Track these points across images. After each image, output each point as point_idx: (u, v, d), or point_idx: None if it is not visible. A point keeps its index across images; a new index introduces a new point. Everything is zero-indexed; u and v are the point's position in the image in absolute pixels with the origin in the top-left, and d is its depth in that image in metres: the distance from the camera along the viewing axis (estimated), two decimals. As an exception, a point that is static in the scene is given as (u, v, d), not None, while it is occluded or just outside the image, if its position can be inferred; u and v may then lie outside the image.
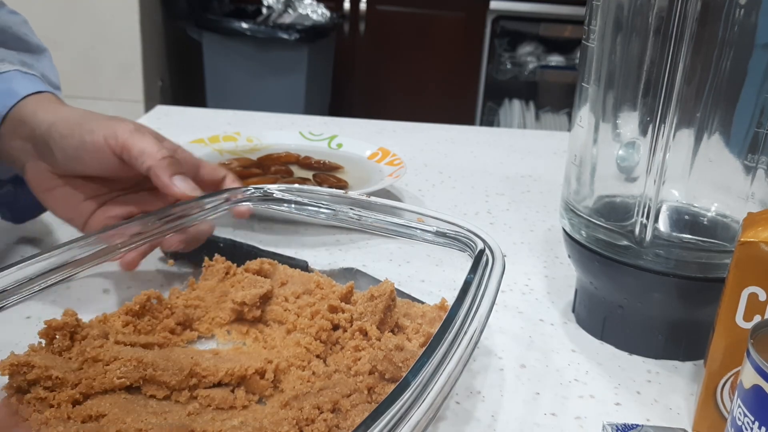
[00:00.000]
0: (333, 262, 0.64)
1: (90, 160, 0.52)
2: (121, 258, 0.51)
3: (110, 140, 0.51)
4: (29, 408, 0.39)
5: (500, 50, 2.74)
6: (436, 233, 0.51)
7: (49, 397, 0.39)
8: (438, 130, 1.16)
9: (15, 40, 0.62)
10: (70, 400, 0.39)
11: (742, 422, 0.35)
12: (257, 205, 0.57)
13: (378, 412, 0.30)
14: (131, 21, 2.24)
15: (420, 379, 0.32)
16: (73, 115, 0.53)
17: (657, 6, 0.46)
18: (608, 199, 0.54)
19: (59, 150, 0.52)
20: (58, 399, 0.39)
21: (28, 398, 0.39)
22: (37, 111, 0.54)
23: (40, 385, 0.39)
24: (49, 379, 0.39)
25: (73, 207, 0.55)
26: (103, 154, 0.52)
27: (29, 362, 0.39)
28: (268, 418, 0.39)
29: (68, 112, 0.54)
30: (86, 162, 0.52)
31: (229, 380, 0.42)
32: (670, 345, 0.52)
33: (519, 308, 0.60)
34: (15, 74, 0.57)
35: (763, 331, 0.36)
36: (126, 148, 0.52)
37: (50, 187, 0.55)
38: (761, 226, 0.41)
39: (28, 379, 0.39)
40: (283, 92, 2.34)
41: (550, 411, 0.46)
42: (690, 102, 0.47)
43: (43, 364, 0.40)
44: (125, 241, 0.48)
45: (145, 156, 0.51)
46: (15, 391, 0.40)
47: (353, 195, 0.55)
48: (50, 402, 0.39)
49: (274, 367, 0.43)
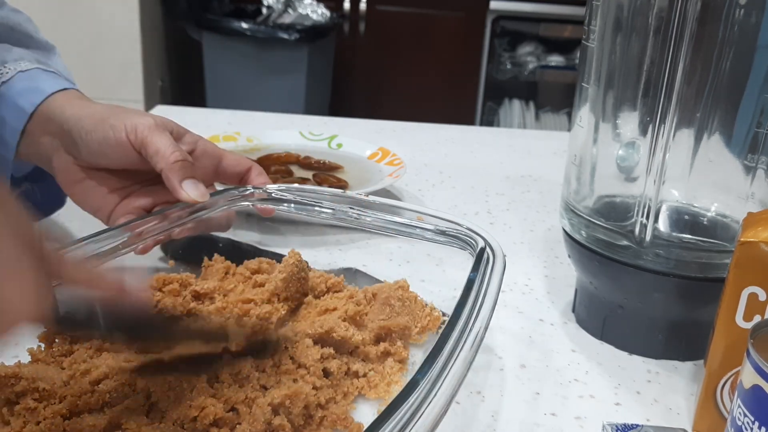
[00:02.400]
0: (333, 262, 0.64)
1: (113, 154, 0.54)
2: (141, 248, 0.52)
3: (131, 136, 0.53)
4: (19, 419, 0.38)
5: (500, 50, 2.74)
6: (436, 232, 0.51)
7: (39, 408, 0.38)
8: (438, 130, 1.16)
9: (26, 38, 0.63)
10: (57, 415, 0.38)
11: (742, 422, 0.35)
12: (257, 205, 0.57)
13: (387, 413, 0.30)
14: (131, 21, 2.24)
15: (428, 377, 0.32)
16: (98, 111, 0.55)
17: (657, 6, 0.46)
18: (608, 199, 0.54)
19: (84, 145, 0.54)
20: (44, 414, 0.38)
21: (18, 409, 0.38)
22: (65, 107, 0.55)
23: (28, 396, 0.38)
24: (36, 392, 0.38)
25: (98, 199, 0.56)
26: (125, 149, 0.53)
27: (17, 374, 0.39)
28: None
29: (94, 108, 0.55)
30: (109, 156, 0.54)
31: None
32: (670, 345, 0.52)
33: (519, 308, 0.60)
34: (37, 72, 0.58)
35: (763, 331, 0.36)
36: (144, 146, 0.53)
37: (77, 180, 0.56)
38: (761, 226, 0.41)
39: (16, 391, 0.38)
40: (283, 92, 2.34)
41: (550, 411, 0.46)
42: (690, 102, 0.47)
43: (31, 376, 0.39)
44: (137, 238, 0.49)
45: (158, 157, 0.53)
46: (4, 402, 0.38)
47: (353, 194, 0.55)
48: (41, 413, 0.38)
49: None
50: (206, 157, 0.58)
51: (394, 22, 2.65)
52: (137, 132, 0.53)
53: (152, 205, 0.57)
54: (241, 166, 0.60)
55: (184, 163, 0.53)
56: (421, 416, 0.30)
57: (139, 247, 0.51)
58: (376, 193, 0.72)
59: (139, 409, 0.38)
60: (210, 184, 0.59)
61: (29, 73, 0.58)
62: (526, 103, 2.74)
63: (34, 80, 0.57)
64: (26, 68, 0.58)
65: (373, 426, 0.29)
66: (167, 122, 0.56)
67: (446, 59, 2.69)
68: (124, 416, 0.38)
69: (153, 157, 0.53)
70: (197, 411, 0.38)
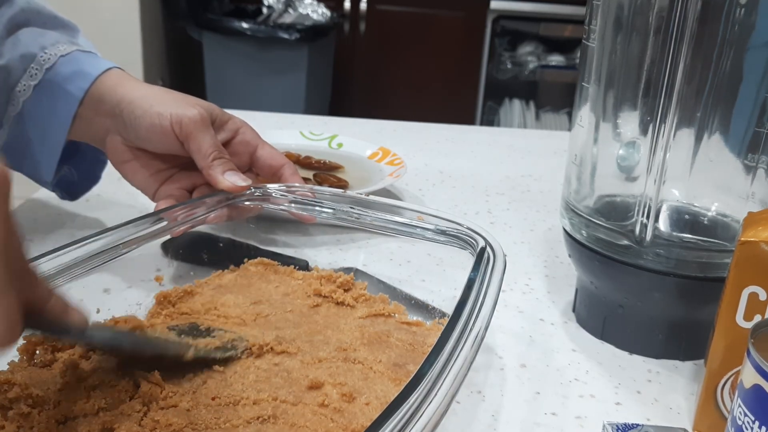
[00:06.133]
0: (333, 262, 0.63)
1: (158, 141, 0.57)
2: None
3: (176, 128, 0.56)
4: (13, 424, 0.37)
5: (500, 50, 2.73)
6: (437, 231, 0.51)
7: (33, 413, 0.37)
8: (438, 130, 1.16)
9: (52, 20, 0.63)
10: (51, 420, 0.37)
11: (742, 422, 0.35)
12: (257, 205, 0.57)
13: (387, 413, 0.30)
14: (131, 21, 2.24)
15: (428, 377, 0.32)
16: (148, 96, 0.57)
17: (657, 5, 0.46)
18: (608, 199, 0.54)
19: (132, 130, 0.57)
20: (38, 419, 0.37)
21: (12, 414, 0.37)
22: (116, 89, 0.58)
23: (22, 402, 0.38)
24: (30, 398, 0.38)
25: (144, 179, 0.60)
26: (170, 138, 0.56)
27: (9, 380, 0.38)
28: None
29: (143, 91, 0.58)
30: (155, 142, 0.57)
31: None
32: (671, 344, 0.52)
33: (519, 308, 0.60)
34: (78, 54, 0.60)
35: (764, 330, 0.36)
36: (186, 140, 0.56)
37: (125, 160, 0.60)
38: (761, 226, 0.41)
39: (9, 398, 0.38)
40: (283, 92, 2.34)
41: (550, 410, 0.46)
42: (690, 101, 0.47)
43: (24, 382, 0.38)
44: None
45: (199, 155, 0.56)
46: None
47: (353, 194, 0.55)
48: (35, 418, 0.37)
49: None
50: (243, 145, 0.61)
51: (395, 21, 2.65)
52: (182, 125, 0.56)
53: (193, 186, 0.60)
54: (275, 161, 0.62)
55: (221, 160, 0.57)
56: (421, 416, 0.30)
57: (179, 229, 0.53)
58: (377, 192, 0.72)
59: (133, 415, 0.38)
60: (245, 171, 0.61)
61: (71, 57, 0.59)
62: (527, 102, 2.74)
63: (77, 63, 0.59)
64: (66, 52, 0.59)
65: (374, 426, 0.29)
66: (211, 109, 0.59)
67: (446, 59, 2.69)
68: (118, 421, 0.37)
69: (194, 153, 0.57)
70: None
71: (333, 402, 0.40)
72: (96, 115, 0.58)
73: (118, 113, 0.57)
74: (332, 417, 0.39)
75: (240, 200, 0.57)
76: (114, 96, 0.57)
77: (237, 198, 0.57)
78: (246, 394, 0.40)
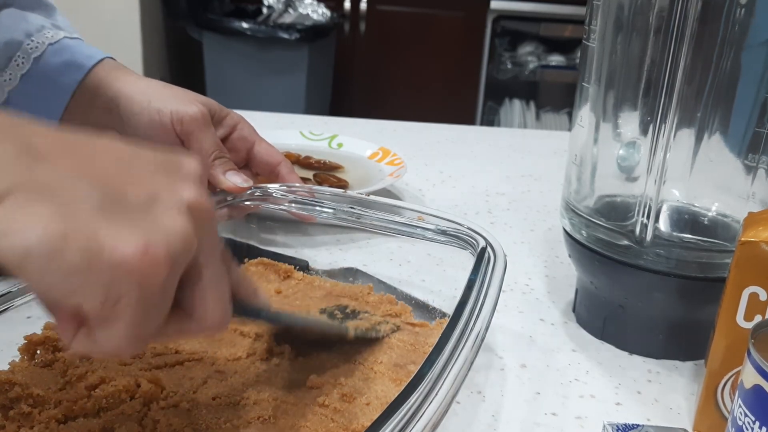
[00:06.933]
0: (333, 262, 0.63)
1: (157, 137, 0.56)
2: None
3: (176, 126, 0.55)
4: (14, 424, 0.37)
5: (500, 50, 2.73)
6: (437, 231, 0.51)
7: (34, 413, 0.37)
8: (438, 130, 1.16)
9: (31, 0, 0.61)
10: (52, 420, 0.37)
11: (742, 422, 0.35)
12: (257, 206, 0.57)
13: (387, 413, 0.30)
14: (131, 21, 2.24)
15: (428, 377, 0.32)
16: (145, 91, 0.56)
17: (657, 5, 0.46)
18: (609, 199, 0.54)
19: (130, 126, 0.56)
20: (38, 419, 0.37)
21: (13, 414, 0.37)
22: (111, 83, 0.56)
23: (23, 401, 0.38)
24: (30, 397, 0.38)
25: None
26: (169, 134, 0.56)
27: (10, 380, 0.38)
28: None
29: (139, 86, 0.56)
30: (154, 138, 0.56)
31: None
32: (671, 345, 0.52)
33: (519, 308, 0.60)
34: (66, 42, 0.58)
35: (764, 330, 0.36)
36: (187, 139, 0.56)
37: None
38: (762, 226, 0.41)
39: (10, 397, 0.38)
40: (283, 92, 2.34)
41: (550, 411, 0.46)
42: (690, 102, 0.47)
43: (25, 382, 0.38)
44: None
45: (200, 154, 0.56)
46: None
47: (354, 194, 0.55)
48: (36, 418, 0.37)
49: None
50: (241, 141, 0.61)
51: (395, 21, 2.65)
52: (183, 123, 0.55)
53: None
54: (272, 158, 0.61)
55: (221, 160, 0.56)
56: (422, 416, 0.30)
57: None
58: (377, 192, 0.72)
59: (134, 415, 0.38)
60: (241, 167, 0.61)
61: (60, 45, 0.58)
62: (527, 102, 2.73)
63: (68, 52, 0.57)
64: (54, 39, 0.58)
65: (374, 426, 0.29)
66: (210, 105, 0.58)
67: (446, 59, 2.69)
68: (118, 421, 0.37)
69: (195, 152, 0.55)
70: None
71: (333, 402, 0.40)
72: (90, 109, 0.57)
73: (114, 108, 0.56)
74: (332, 417, 0.39)
75: (240, 200, 0.57)
76: (109, 90, 0.56)
77: (237, 198, 0.57)
78: (246, 394, 0.40)
